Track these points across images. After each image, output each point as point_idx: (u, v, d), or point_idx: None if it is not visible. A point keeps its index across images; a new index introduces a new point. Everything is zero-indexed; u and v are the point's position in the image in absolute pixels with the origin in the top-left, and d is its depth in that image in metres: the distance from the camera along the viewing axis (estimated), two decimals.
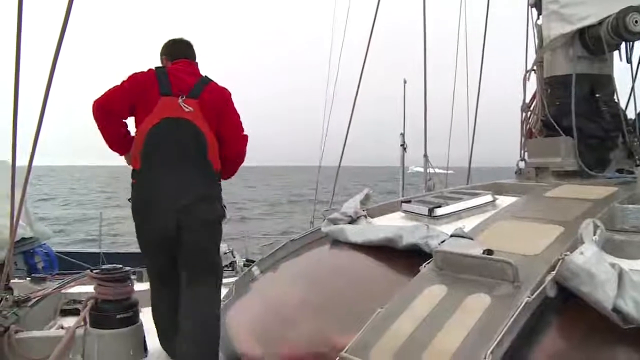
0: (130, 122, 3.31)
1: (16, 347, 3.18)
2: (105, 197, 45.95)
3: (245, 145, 3.50)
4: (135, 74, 3.27)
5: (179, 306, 3.12)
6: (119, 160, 3.47)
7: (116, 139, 3.31)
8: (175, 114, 3.15)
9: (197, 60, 3.51)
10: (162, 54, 3.53)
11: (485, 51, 7.08)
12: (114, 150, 3.36)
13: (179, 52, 3.46)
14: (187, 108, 3.16)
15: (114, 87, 3.22)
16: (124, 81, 3.25)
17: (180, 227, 3.06)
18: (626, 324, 1.73)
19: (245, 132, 3.47)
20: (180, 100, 3.16)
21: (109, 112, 3.21)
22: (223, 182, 3.39)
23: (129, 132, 3.34)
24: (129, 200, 3.25)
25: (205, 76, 3.38)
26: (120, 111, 3.23)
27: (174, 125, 3.14)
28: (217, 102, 3.28)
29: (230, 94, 3.40)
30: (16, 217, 3.45)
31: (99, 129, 3.24)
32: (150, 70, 3.29)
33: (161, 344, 3.44)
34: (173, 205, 3.06)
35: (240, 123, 3.45)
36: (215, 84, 3.36)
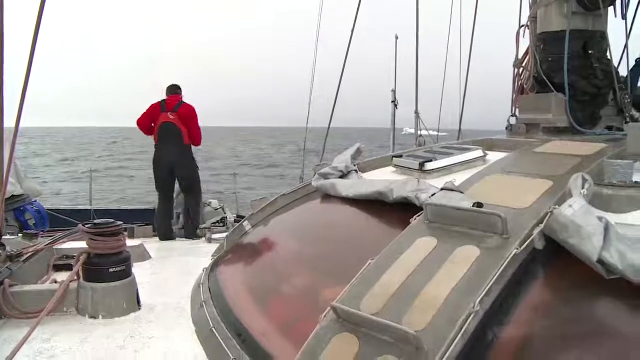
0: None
1: (11, 300, 3.21)
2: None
3: (199, 132, 7.14)
4: (152, 104, 7.09)
5: (183, 202, 7.35)
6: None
7: (146, 132, 7.20)
8: (167, 119, 6.94)
9: (180, 92, 7.22)
10: (166, 91, 7.22)
11: (479, 7, 6.98)
12: (145, 134, 7.24)
13: (170, 91, 7.19)
14: (172, 116, 6.94)
15: (144, 112, 7.11)
16: (148, 108, 7.07)
17: (173, 168, 7.03)
18: (609, 275, 1.77)
19: (200, 125, 7.17)
20: (169, 113, 6.94)
21: (143, 124, 7.15)
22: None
23: (151, 128, 7.19)
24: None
25: (181, 100, 7.10)
26: (147, 123, 7.15)
27: (167, 125, 6.95)
28: (186, 113, 7.02)
29: (193, 108, 7.13)
30: (5, 174, 3.43)
31: (140, 129, 7.24)
32: (158, 102, 7.09)
33: (158, 230, 7.00)
34: (170, 160, 7.02)
35: (197, 123, 7.11)
36: (186, 104, 7.10)
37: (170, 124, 6.89)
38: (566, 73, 3.85)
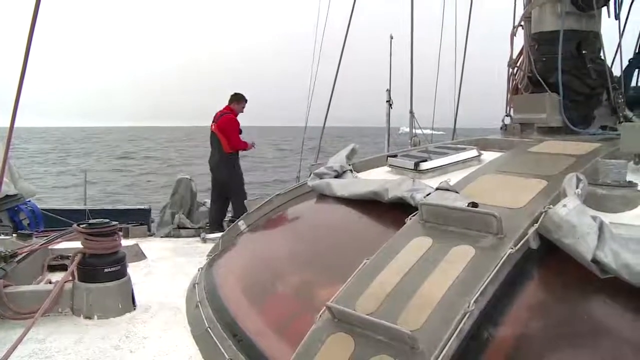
0: None
1: (5, 301, 3.19)
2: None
3: (234, 140, 7.84)
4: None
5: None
6: None
7: None
8: (212, 129, 7.94)
9: (236, 101, 8.05)
10: None
11: (473, 8, 7.02)
12: None
13: (229, 100, 8.05)
14: (213, 126, 7.89)
15: None
16: None
17: (213, 169, 8.03)
18: (604, 275, 1.78)
19: (240, 135, 7.96)
20: (213, 124, 7.93)
21: None
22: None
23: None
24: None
25: (224, 112, 7.93)
26: None
27: (211, 134, 7.97)
28: (223, 124, 7.80)
29: (230, 119, 7.85)
30: None
31: None
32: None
33: (211, 224, 7.83)
34: (212, 166, 8.02)
35: (232, 132, 7.81)
36: (226, 116, 7.86)
37: (213, 134, 7.96)
38: (560, 73, 3.86)
